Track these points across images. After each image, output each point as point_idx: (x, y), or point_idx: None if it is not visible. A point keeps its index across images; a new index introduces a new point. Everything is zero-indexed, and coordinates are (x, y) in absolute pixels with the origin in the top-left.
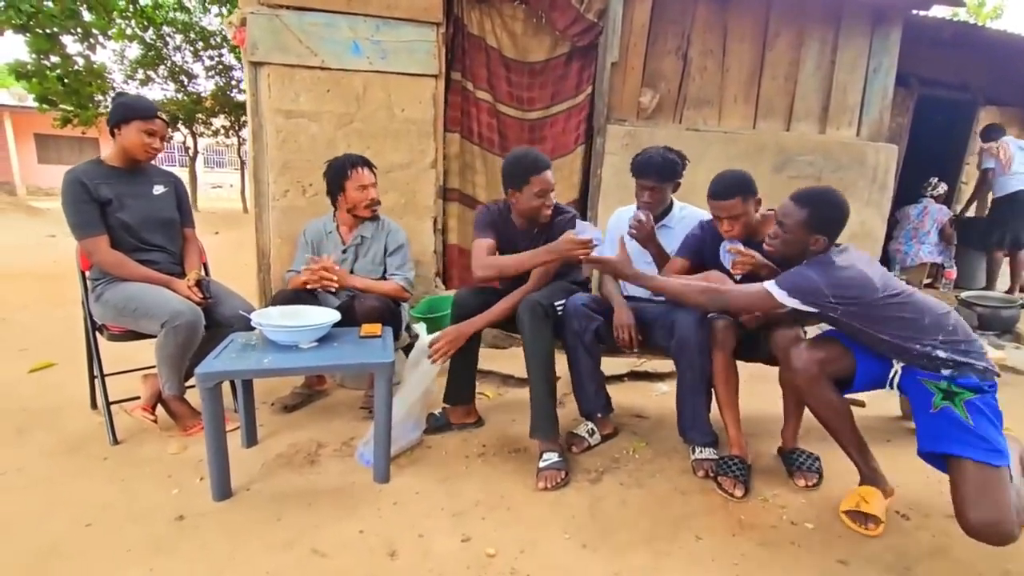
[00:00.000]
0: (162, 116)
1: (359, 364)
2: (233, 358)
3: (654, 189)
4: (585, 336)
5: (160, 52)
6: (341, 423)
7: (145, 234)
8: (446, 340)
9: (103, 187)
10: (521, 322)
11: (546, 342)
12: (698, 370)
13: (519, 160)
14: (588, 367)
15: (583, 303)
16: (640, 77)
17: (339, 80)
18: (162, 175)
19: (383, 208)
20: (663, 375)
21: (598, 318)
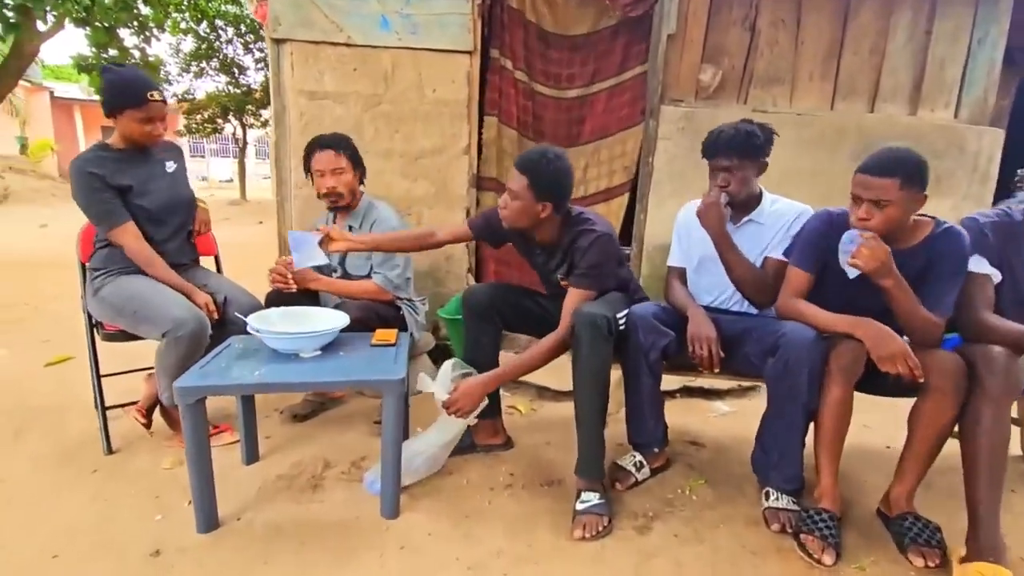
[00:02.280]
0: (155, 96)
1: (362, 381)
2: (222, 368)
3: (731, 169)
4: (651, 354)
5: (212, 45)
6: (354, 438)
7: (165, 218)
8: (465, 398)
9: (119, 174)
10: (578, 340)
11: (605, 365)
12: (802, 401)
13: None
14: (649, 391)
15: (652, 313)
16: (700, 51)
17: (366, 58)
18: (168, 149)
19: (413, 197)
20: (722, 392)
21: (669, 332)
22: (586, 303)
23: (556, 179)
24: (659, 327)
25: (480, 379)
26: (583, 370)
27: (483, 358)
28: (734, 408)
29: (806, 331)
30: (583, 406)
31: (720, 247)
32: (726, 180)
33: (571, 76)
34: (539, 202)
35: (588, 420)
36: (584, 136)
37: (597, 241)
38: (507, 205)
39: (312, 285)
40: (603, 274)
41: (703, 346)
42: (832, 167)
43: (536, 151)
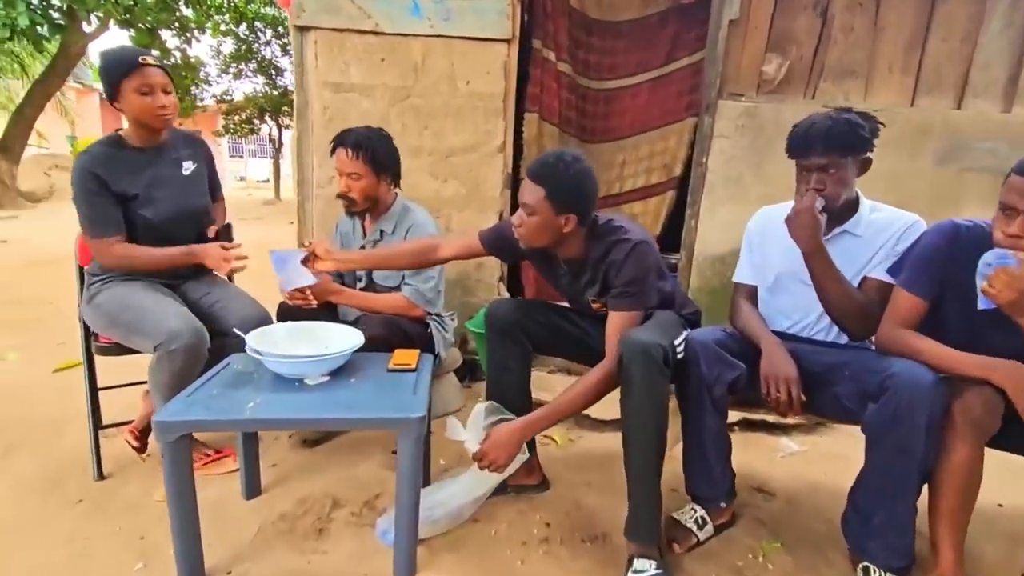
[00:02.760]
0: (148, 60)
1: (372, 419)
2: (212, 397)
3: (826, 168)
4: (716, 388)
5: (251, 47)
6: (368, 470)
7: (172, 230)
8: (498, 449)
9: (127, 178)
10: (628, 375)
11: (662, 406)
12: (916, 459)
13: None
14: (715, 434)
15: (716, 340)
16: (765, 39)
17: (395, 47)
18: (188, 144)
19: (442, 199)
20: (787, 427)
21: (738, 364)
22: (634, 328)
23: (578, 186)
24: (726, 357)
25: (514, 427)
26: (635, 412)
27: (512, 385)
28: (804, 447)
29: (922, 372)
30: (636, 455)
31: (814, 264)
32: (821, 182)
33: (612, 66)
34: (560, 215)
35: (642, 472)
36: (623, 130)
37: (634, 252)
38: (523, 222)
39: (333, 298)
40: (645, 290)
41: (780, 387)
42: (912, 170)
43: (551, 155)
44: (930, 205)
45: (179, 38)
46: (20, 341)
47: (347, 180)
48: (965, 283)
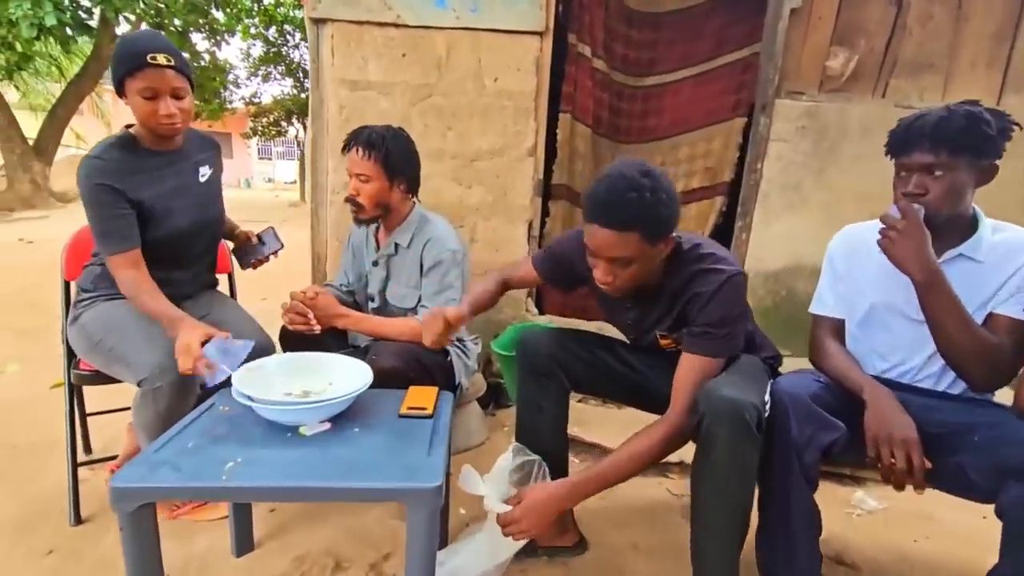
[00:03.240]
0: (158, 60)
1: (378, 490)
2: (184, 452)
3: (930, 169)
4: (807, 455)
5: (280, 50)
6: (376, 520)
7: (187, 245)
8: (531, 517)
9: (142, 187)
10: (710, 439)
11: (751, 479)
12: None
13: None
14: (803, 510)
15: (811, 392)
16: (830, 31)
17: (417, 41)
18: (205, 146)
19: (466, 206)
20: (859, 478)
21: (838, 425)
22: (717, 378)
23: (670, 206)
24: (822, 416)
25: (555, 492)
26: (715, 486)
27: (546, 428)
28: (883, 503)
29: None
30: (710, 539)
31: (930, 295)
32: (922, 186)
33: (652, 61)
34: (657, 245)
35: (716, 560)
36: (661, 130)
37: (727, 285)
38: (616, 276)
39: (340, 323)
40: (733, 333)
41: (897, 452)
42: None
43: (620, 188)
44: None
45: (209, 41)
46: (25, 351)
47: (356, 182)
48: None
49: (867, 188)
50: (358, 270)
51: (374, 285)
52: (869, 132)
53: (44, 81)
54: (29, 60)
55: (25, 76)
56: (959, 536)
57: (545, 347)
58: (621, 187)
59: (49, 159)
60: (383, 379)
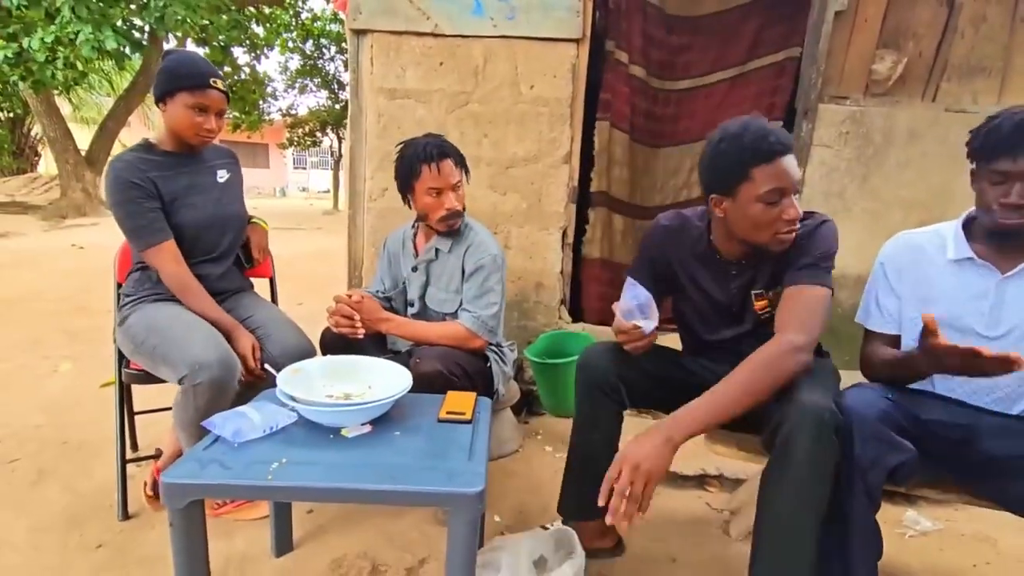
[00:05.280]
0: (218, 85)
1: (419, 493)
2: (232, 452)
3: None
4: (872, 475)
5: (316, 63)
6: (413, 524)
7: (208, 237)
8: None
9: (160, 181)
10: (792, 443)
11: (828, 487)
12: None
13: (734, 139)
14: (864, 532)
15: (881, 412)
16: (877, 34)
17: (454, 50)
18: (222, 155)
19: (500, 213)
20: (912, 497)
21: (907, 447)
22: (802, 381)
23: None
24: (891, 437)
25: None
26: (795, 500)
27: (600, 444)
28: (938, 523)
29: None
30: (780, 556)
31: None
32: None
33: (687, 64)
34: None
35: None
36: (692, 133)
37: (825, 225)
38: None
39: (383, 327)
40: (831, 270)
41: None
42: None
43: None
44: None
45: (249, 55)
46: (77, 351)
47: (450, 196)
48: None
49: (914, 195)
50: (395, 276)
51: (414, 291)
52: (917, 137)
53: (97, 95)
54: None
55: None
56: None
57: (608, 363)
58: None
59: (99, 169)
60: (425, 383)
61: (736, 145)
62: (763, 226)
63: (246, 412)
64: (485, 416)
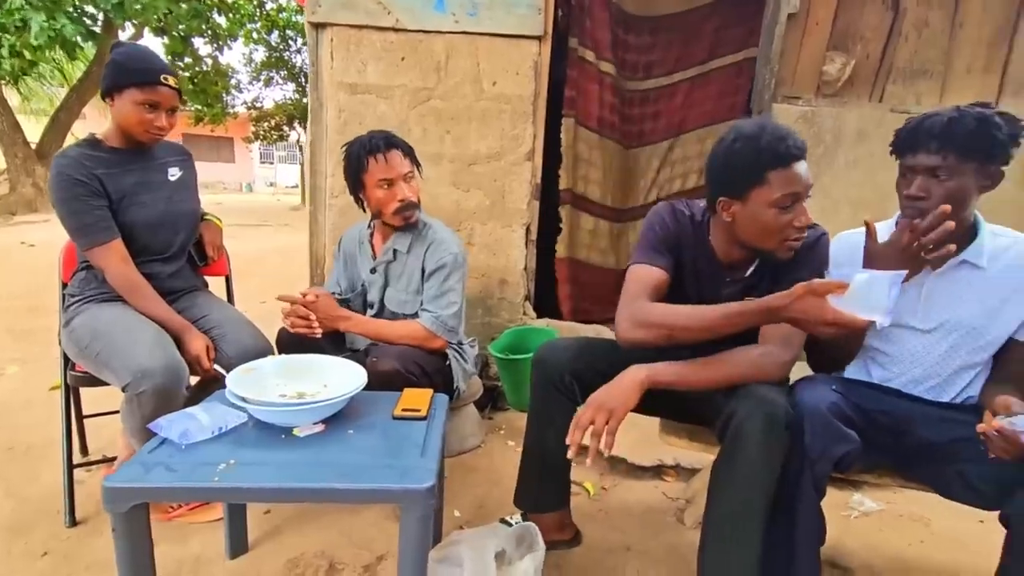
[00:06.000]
0: (169, 81)
1: (369, 490)
2: (179, 454)
3: (935, 172)
4: (819, 466)
5: (282, 55)
6: (374, 520)
7: (159, 235)
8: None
9: (107, 178)
10: (742, 439)
11: (774, 482)
12: None
13: (749, 140)
14: (808, 520)
15: (830, 404)
16: (827, 36)
17: (416, 45)
18: (174, 152)
19: (464, 210)
20: (857, 482)
21: (852, 438)
22: (759, 385)
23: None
24: (838, 428)
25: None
26: (743, 489)
27: (555, 442)
28: (880, 504)
29: None
30: (728, 548)
31: None
32: (925, 189)
33: (649, 65)
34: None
35: (734, 567)
36: (658, 133)
37: (823, 239)
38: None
39: (341, 326)
40: None
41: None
42: None
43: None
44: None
45: (211, 45)
46: (25, 353)
47: (402, 186)
48: None
49: (862, 194)
50: (351, 278)
51: (374, 293)
52: (865, 137)
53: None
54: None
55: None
56: (956, 541)
57: (563, 359)
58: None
59: (51, 163)
60: (382, 381)
61: (752, 147)
62: (773, 232)
63: (194, 413)
64: (441, 413)
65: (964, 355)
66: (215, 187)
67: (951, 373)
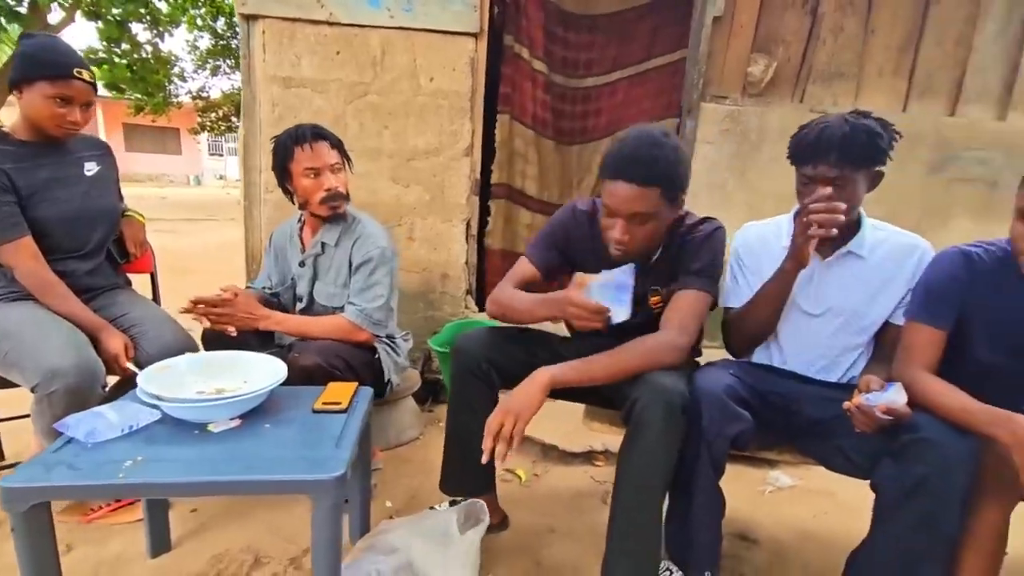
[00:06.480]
0: (83, 74)
1: (276, 482)
2: (86, 450)
3: (835, 181)
4: (716, 445)
5: (229, 43)
6: (301, 515)
7: (74, 233)
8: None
9: (16, 173)
10: (643, 424)
11: (673, 462)
12: (946, 535)
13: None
14: (707, 495)
15: (726, 386)
16: (751, 39)
17: (351, 39)
18: (90, 146)
19: (403, 205)
20: (773, 461)
21: (745, 418)
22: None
23: (686, 172)
24: (732, 408)
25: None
26: (643, 469)
27: (477, 429)
28: (795, 480)
29: (955, 437)
30: (632, 520)
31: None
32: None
33: (588, 62)
34: (671, 205)
35: (637, 543)
36: (598, 130)
37: (717, 232)
38: (633, 235)
39: (262, 325)
40: (718, 277)
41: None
42: (902, 180)
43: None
44: (921, 216)
45: (151, 31)
46: None
47: (334, 175)
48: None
49: (784, 189)
50: (282, 272)
51: (302, 286)
52: (787, 136)
53: None
54: None
55: None
56: (853, 510)
57: (478, 348)
58: (646, 143)
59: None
60: (305, 377)
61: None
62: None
63: (103, 412)
64: (363, 405)
65: (848, 337)
66: (160, 180)
67: (837, 354)
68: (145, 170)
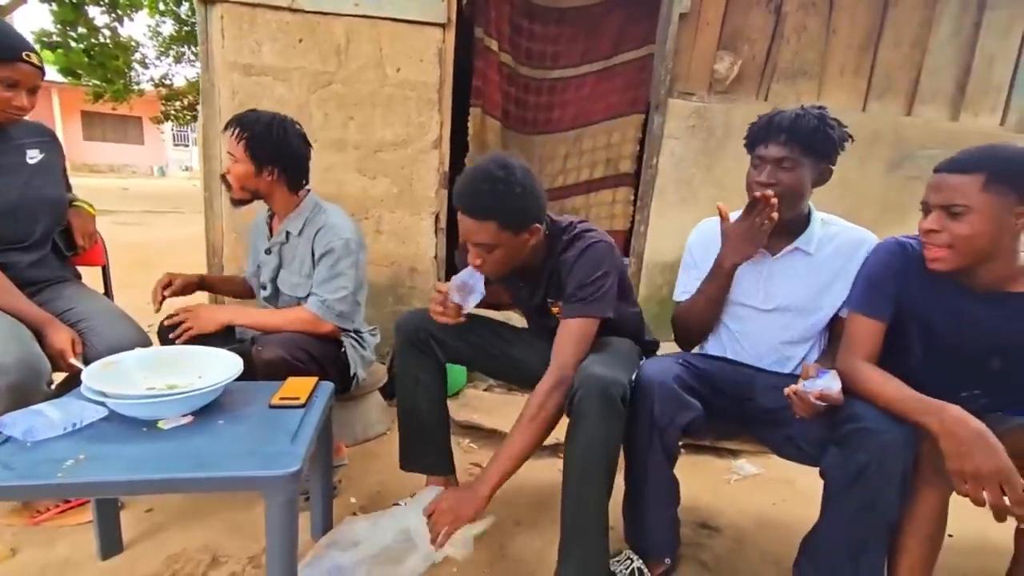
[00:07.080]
0: (31, 59)
1: (226, 479)
2: (25, 449)
3: (783, 162)
4: (668, 434)
5: (194, 29)
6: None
7: (18, 225)
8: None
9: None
10: (580, 413)
11: (615, 451)
12: (887, 518)
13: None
14: (661, 482)
15: (673, 375)
16: (717, 36)
17: (314, 27)
18: (33, 133)
19: (371, 198)
20: (736, 451)
21: (694, 405)
22: (592, 357)
23: (531, 198)
24: (682, 397)
25: (466, 492)
26: (584, 457)
27: (425, 400)
28: (760, 468)
29: (892, 425)
30: (579, 507)
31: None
32: (774, 176)
33: (556, 55)
34: (519, 235)
35: (585, 528)
36: (565, 122)
37: (589, 250)
38: (484, 261)
39: (222, 318)
40: (599, 295)
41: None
42: (862, 177)
43: (477, 179)
44: (880, 213)
45: (109, 15)
46: None
47: (229, 160)
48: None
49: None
50: (255, 259)
51: (266, 273)
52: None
53: None
54: None
55: None
56: (811, 497)
57: (420, 321)
58: (478, 178)
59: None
60: (268, 370)
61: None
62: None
63: (43, 410)
64: (322, 400)
65: (797, 331)
66: (122, 171)
67: (788, 347)
68: (106, 160)
